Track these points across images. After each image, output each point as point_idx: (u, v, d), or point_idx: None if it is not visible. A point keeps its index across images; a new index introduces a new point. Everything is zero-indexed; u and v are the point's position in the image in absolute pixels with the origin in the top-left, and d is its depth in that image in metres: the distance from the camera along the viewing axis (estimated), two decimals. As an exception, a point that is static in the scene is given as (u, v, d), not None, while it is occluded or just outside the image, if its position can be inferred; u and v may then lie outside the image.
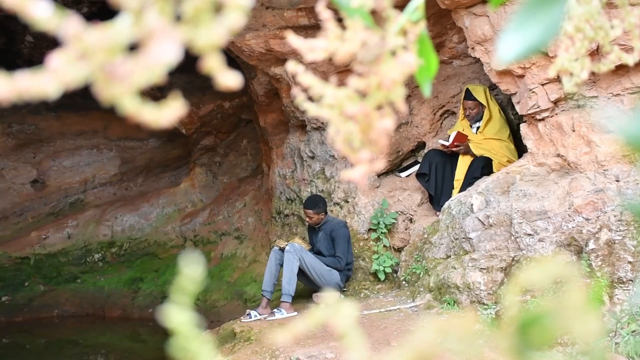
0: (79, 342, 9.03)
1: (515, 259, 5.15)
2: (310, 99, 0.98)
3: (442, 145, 6.67)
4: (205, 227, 10.42)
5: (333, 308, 0.58)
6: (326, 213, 6.90)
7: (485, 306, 5.02)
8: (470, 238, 5.53)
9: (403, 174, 7.42)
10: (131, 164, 11.59)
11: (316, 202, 6.87)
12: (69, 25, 0.54)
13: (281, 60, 7.45)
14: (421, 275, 6.01)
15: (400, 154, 7.41)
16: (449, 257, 5.77)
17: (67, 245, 10.73)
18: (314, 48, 0.93)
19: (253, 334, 5.66)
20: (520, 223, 5.21)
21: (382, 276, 6.76)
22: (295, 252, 6.49)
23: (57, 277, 10.33)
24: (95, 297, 10.08)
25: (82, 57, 0.54)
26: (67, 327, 9.55)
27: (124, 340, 9.07)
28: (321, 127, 7.77)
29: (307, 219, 6.92)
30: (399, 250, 6.92)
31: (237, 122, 10.71)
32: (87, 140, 11.46)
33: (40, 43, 9.12)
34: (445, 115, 7.41)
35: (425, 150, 7.24)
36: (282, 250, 6.66)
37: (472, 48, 5.84)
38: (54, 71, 0.53)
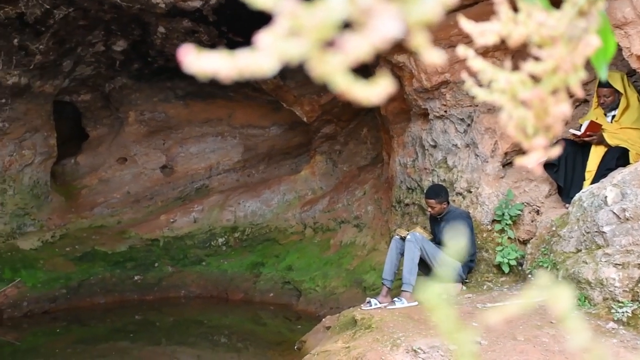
0: (203, 322, 9.38)
1: (655, 255, 4.87)
2: (480, 84, 0.95)
3: (574, 134, 6.40)
4: (324, 215, 10.53)
5: (549, 291, 0.56)
6: (448, 203, 6.80)
7: (620, 304, 4.78)
8: (603, 232, 5.28)
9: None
10: (253, 151, 11.89)
11: (438, 192, 6.78)
12: (285, 3, 0.54)
13: (404, 48, 7.39)
14: (549, 269, 5.80)
15: (527, 143, 7.16)
16: (579, 251, 5.53)
17: (193, 229, 11.16)
18: (485, 32, 0.90)
19: (374, 322, 5.65)
20: (661, 217, 4.92)
21: (506, 269, 6.59)
22: (417, 241, 6.44)
23: (184, 259, 10.78)
24: (219, 280, 10.44)
25: (292, 34, 0.55)
26: (193, 308, 9.95)
27: (245, 323, 9.34)
28: (444, 115, 7.65)
29: (429, 209, 6.85)
30: (524, 242, 6.72)
31: (357, 111, 10.74)
32: (213, 127, 11.85)
33: (171, 34, 9.49)
34: (577, 104, 7.10)
35: (555, 140, 6.97)
36: (403, 239, 6.62)
37: (610, 32, 5.54)
38: (269, 48, 0.54)
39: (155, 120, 11.60)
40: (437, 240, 6.72)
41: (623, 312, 4.70)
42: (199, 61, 0.50)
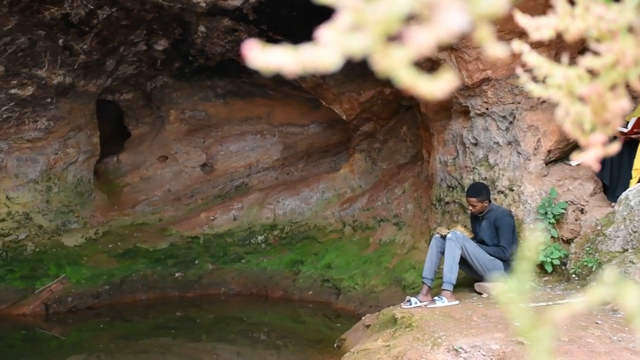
0: (243, 319, 9.43)
1: None
2: (534, 79, 0.93)
3: (620, 132, 6.27)
4: (364, 213, 10.51)
5: (617, 287, 0.54)
6: (490, 201, 6.72)
7: (668, 305, 4.67)
8: (651, 231, 5.16)
9: (573, 162, 7.06)
10: (293, 150, 11.92)
11: (479, 190, 6.70)
12: (348, -3, 0.53)
13: (445, 44, 7.33)
14: (594, 269, 5.70)
15: (571, 140, 7.05)
16: (625, 250, 5.42)
17: (232, 227, 11.24)
18: (541, 26, 0.88)
19: (414, 321, 5.61)
20: None
21: (549, 268, 6.49)
22: (457, 240, 6.38)
23: (224, 256, 10.86)
24: (258, 277, 10.49)
25: (355, 29, 0.54)
26: (233, 305, 10.02)
27: (285, 320, 9.36)
28: (485, 113, 7.56)
29: (470, 207, 6.77)
30: (567, 241, 6.61)
31: (397, 108, 10.69)
32: (252, 126, 11.92)
33: (212, 33, 9.57)
34: (622, 100, 6.95)
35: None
36: (443, 237, 6.56)
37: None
38: (332, 43, 0.53)
39: (196, 119, 11.71)
40: (478, 239, 6.64)
41: (671, 314, 4.59)
42: (264, 56, 0.50)
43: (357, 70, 9.98)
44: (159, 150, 11.88)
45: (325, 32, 0.55)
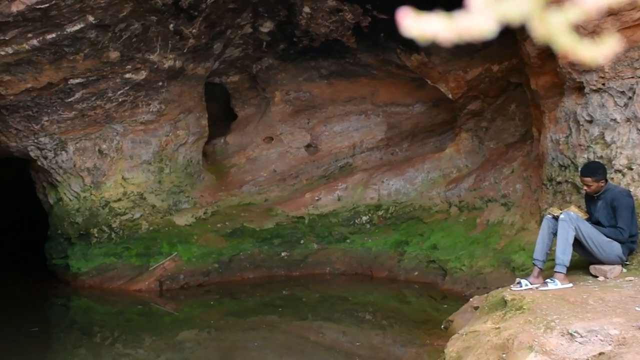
0: (348, 299, 9.50)
1: None
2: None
3: None
4: (470, 193, 10.31)
5: None
6: (606, 181, 6.42)
7: None
8: None
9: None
10: (397, 129, 11.83)
11: (595, 169, 6.42)
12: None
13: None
14: None
15: (696, 116, 6.61)
16: None
17: (337, 207, 11.31)
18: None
19: (525, 303, 5.46)
20: None
21: (671, 251, 6.15)
22: (571, 221, 6.14)
23: (329, 236, 10.96)
24: (363, 258, 10.53)
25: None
26: (338, 284, 10.12)
27: (390, 301, 9.36)
28: (601, 88, 7.21)
29: (585, 187, 6.50)
30: (692, 223, 6.23)
31: (505, 86, 10.37)
32: (356, 106, 11.90)
33: (316, 14, 9.60)
34: None
35: None
36: (555, 218, 6.34)
37: None
38: (486, 10, 0.50)
39: (300, 100, 11.81)
40: (593, 220, 6.37)
41: None
42: (418, 24, 0.48)
43: (463, 47, 9.74)
44: (265, 131, 12.08)
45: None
